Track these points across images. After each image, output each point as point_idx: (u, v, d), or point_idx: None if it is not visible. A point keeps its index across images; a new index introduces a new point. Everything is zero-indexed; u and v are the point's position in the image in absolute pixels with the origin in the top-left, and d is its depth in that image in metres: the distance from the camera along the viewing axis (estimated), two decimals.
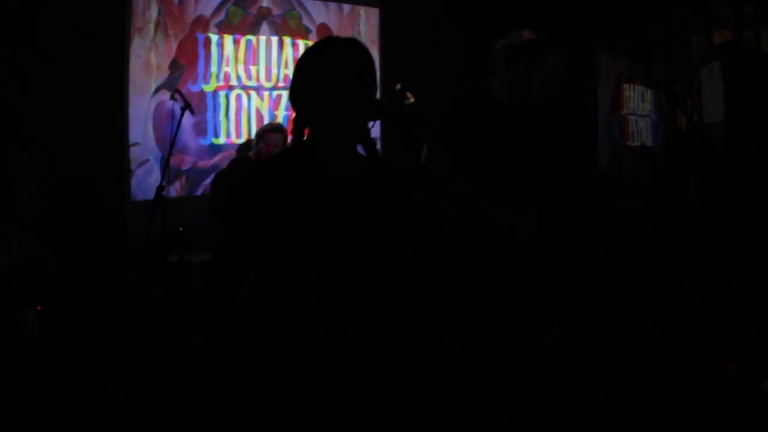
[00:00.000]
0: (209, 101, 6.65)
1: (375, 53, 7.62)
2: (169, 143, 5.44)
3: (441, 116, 3.77)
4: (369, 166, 2.38)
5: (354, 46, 2.32)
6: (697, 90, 7.62)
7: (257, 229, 2.24)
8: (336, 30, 7.36)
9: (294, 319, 2.24)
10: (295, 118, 2.37)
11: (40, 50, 5.53)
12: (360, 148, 2.40)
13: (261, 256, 2.27)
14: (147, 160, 6.27)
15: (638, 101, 9.68)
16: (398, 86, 5.84)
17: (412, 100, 5.83)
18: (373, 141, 2.41)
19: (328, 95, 2.23)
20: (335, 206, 2.27)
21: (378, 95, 2.37)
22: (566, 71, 3.74)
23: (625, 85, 9.45)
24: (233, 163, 6.16)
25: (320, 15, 7.30)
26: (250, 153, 6.00)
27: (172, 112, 5.75)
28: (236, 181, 2.37)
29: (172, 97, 5.71)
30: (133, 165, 6.18)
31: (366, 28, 7.63)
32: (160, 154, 6.26)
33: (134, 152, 6.20)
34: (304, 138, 2.37)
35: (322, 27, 7.31)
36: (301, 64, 2.32)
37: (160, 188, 5.14)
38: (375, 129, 7.30)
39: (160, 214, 5.16)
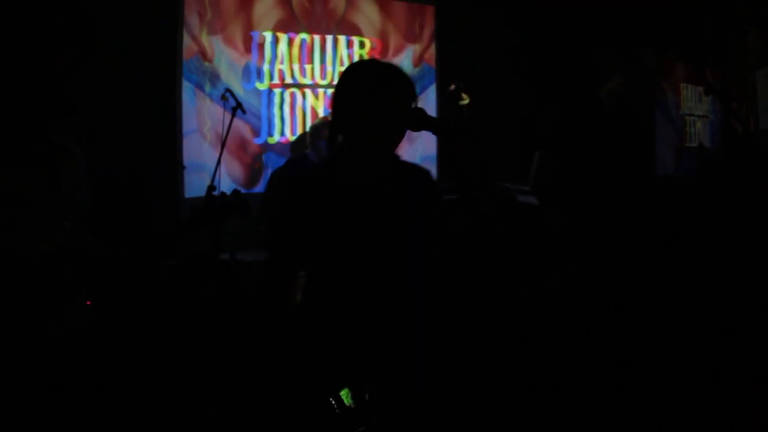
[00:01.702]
0: (263, 99, 6.65)
1: (431, 51, 7.59)
2: (221, 143, 5.46)
3: (550, 125, 3.81)
4: (390, 174, 2.50)
5: (393, 71, 2.46)
6: (752, 92, 7.46)
7: (298, 237, 2.44)
8: (392, 27, 7.32)
9: (327, 321, 2.42)
10: (330, 132, 2.53)
11: (97, 45, 5.59)
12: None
13: (304, 260, 2.47)
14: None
15: (695, 102, 9.53)
16: (452, 87, 5.77)
17: (467, 100, 5.76)
18: (395, 154, 2.53)
19: (364, 117, 2.37)
20: (357, 214, 2.42)
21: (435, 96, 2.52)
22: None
23: (683, 85, 9.31)
24: (290, 163, 6.14)
25: (375, 13, 7.27)
26: (307, 150, 5.97)
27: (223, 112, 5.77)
28: (281, 192, 2.57)
29: (223, 97, 5.72)
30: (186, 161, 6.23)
31: (420, 26, 7.57)
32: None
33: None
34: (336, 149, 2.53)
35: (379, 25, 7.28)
36: (342, 84, 2.48)
37: (210, 188, 5.15)
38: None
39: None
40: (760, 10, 8.50)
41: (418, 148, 7.21)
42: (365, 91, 2.37)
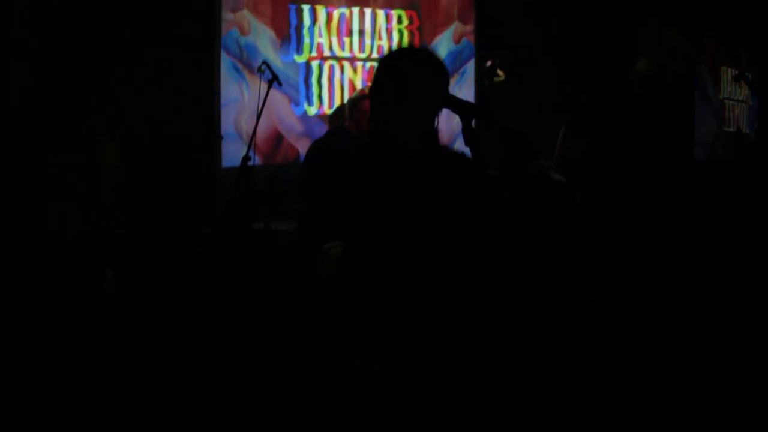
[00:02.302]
0: (301, 72, 6.71)
1: (470, 27, 7.57)
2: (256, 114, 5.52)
3: (577, 103, 3.82)
4: (427, 150, 2.59)
5: (426, 55, 2.60)
6: None
7: (345, 209, 2.54)
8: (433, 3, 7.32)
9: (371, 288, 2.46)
10: (371, 113, 2.63)
11: (138, 21, 5.69)
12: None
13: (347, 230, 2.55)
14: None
15: (734, 86, 9.41)
16: (489, 63, 5.78)
17: (503, 77, 5.76)
18: (435, 130, 2.60)
19: (400, 101, 2.50)
20: (401, 185, 2.50)
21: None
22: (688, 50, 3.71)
23: (722, 68, 9.20)
24: (330, 134, 6.18)
25: None
26: (346, 123, 6.01)
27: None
28: (326, 166, 2.65)
29: (260, 69, 5.76)
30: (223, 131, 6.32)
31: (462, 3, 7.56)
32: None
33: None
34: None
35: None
36: (379, 71, 2.60)
37: (246, 158, 5.22)
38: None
39: (245, 183, 5.25)
40: None
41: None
42: (399, 73, 2.51)
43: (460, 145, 2.81)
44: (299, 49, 6.67)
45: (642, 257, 3.72)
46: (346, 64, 6.92)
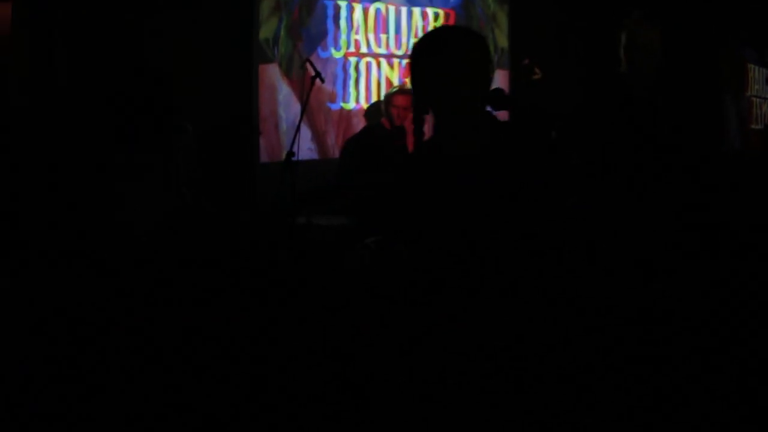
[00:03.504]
0: (339, 68, 6.80)
1: (503, 24, 7.63)
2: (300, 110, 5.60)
3: (572, 106, 3.78)
4: (489, 145, 2.38)
5: (466, 33, 2.39)
6: None
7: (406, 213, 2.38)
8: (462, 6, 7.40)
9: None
10: (414, 107, 2.45)
11: (184, 24, 5.80)
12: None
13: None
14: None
15: (762, 83, 9.43)
16: (526, 61, 5.86)
17: (539, 75, 5.84)
18: (495, 121, 2.41)
19: (443, 81, 2.27)
20: (452, 187, 2.33)
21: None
22: (661, 40, 3.69)
23: (750, 66, 9.22)
24: (366, 130, 6.27)
25: None
26: (382, 119, 6.10)
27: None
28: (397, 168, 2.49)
29: (303, 66, 5.85)
30: (263, 127, 6.42)
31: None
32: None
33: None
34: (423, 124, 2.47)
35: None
36: (415, 54, 2.38)
37: (290, 154, 5.29)
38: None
39: (289, 179, 5.33)
40: None
41: None
42: (437, 57, 2.29)
43: None
44: (337, 45, 6.76)
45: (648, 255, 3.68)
46: (383, 60, 7.00)
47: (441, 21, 7.21)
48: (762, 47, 8.69)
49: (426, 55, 2.32)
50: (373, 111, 6.65)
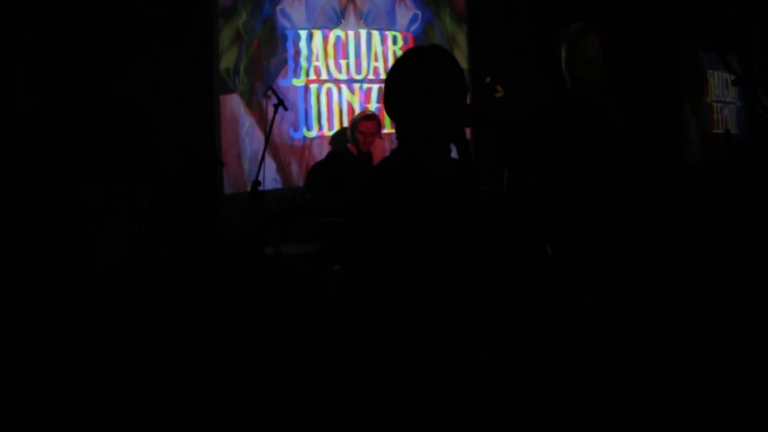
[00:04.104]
0: (300, 96, 6.77)
1: (463, 45, 7.65)
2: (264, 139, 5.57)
3: (522, 123, 3.78)
4: (460, 168, 2.45)
5: (440, 52, 2.42)
6: None
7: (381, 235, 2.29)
8: (422, 23, 7.42)
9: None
10: (396, 128, 2.43)
11: (149, 58, 5.77)
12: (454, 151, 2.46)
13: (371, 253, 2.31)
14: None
15: (722, 88, 9.57)
16: (488, 80, 5.87)
17: (502, 93, 5.85)
18: (467, 142, 2.44)
19: (421, 101, 2.30)
20: (428, 208, 2.31)
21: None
22: (603, 50, 3.71)
23: (710, 72, 9.35)
24: (331, 155, 6.26)
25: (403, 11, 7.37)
26: (348, 144, 6.09)
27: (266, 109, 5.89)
28: (363, 194, 2.41)
29: (265, 95, 5.83)
30: (226, 158, 6.38)
31: (451, 20, 7.66)
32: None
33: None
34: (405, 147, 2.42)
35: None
36: (391, 75, 2.41)
37: (256, 183, 5.26)
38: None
39: (256, 208, 5.29)
40: None
41: None
42: (414, 78, 2.32)
43: None
44: (297, 73, 6.74)
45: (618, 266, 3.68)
46: (344, 86, 6.99)
47: (400, 44, 7.21)
48: (722, 51, 8.80)
49: (410, 73, 2.35)
50: (339, 137, 6.64)
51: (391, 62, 7.13)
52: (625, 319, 3.59)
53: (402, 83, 2.36)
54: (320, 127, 6.88)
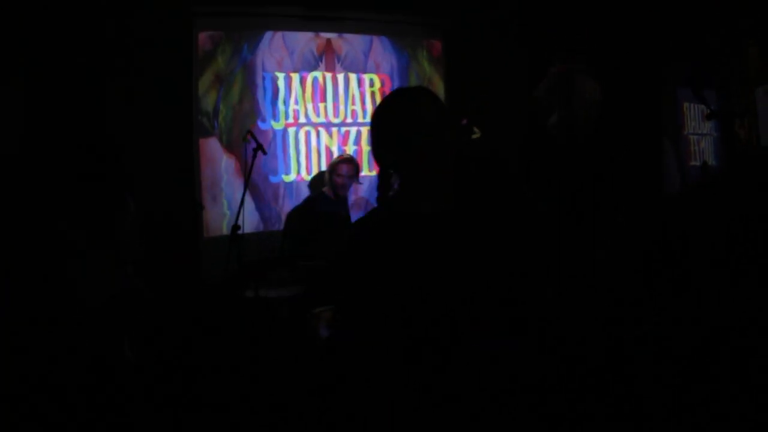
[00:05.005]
0: (278, 139, 6.81)
1: (440, 87, 7.72)
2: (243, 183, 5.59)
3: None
4: (458, 203, 2.38)
5: (426, 94, 2.38)
6: (753, 108, 7.57)
7: (370, 279, 2.25)
8: (399, 65, 7.49)
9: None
10: (380, 173, 2.40)
11: (129, 99, 5.79)
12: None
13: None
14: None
15: (699, 120, 9.68)
16: (465, 121, 5.93)
17: (479, 134, 5.91)
18: (459, 179, 2.42)
19: (414, 145, 2.27)
20: (426, 246, 2.27)
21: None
22: (600, 90, 3.75)
23: (686, 104, 9.46)
24: (309, 200, 6.29)
25: (380, 54, 7.44)
26: (324, 188, 6.12)
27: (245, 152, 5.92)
28: (350, 236, 2.40)
29: (244, 138, 5.86)
30: (206, 201, 6.38)
31: (428, 63, 7.73)
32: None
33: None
34: (391, 191, 2.40)
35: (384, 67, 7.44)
36: (378, 119, 2.38)
37: (236, 227, 5.27)
38: None
39: (236, 252, 5.30)
40: (760, 24, 8.60)
41: None
42: (403, 121, 2.29)
43: None
44: (276, 117, 6.78)
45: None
46: (322, 129, 7.03)
47: (377, 87, 7.27)
48: (697, 84, 8.89)
49: (398, 118, 2.32)
50: (317, 180, 6.67)
51: (368, 105, 7.18)
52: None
53: (392, 120, 2.34)
54: (298, 171, 6.89)
